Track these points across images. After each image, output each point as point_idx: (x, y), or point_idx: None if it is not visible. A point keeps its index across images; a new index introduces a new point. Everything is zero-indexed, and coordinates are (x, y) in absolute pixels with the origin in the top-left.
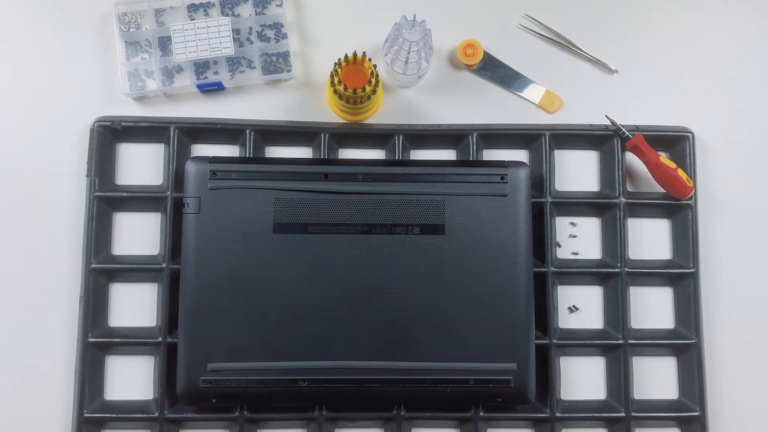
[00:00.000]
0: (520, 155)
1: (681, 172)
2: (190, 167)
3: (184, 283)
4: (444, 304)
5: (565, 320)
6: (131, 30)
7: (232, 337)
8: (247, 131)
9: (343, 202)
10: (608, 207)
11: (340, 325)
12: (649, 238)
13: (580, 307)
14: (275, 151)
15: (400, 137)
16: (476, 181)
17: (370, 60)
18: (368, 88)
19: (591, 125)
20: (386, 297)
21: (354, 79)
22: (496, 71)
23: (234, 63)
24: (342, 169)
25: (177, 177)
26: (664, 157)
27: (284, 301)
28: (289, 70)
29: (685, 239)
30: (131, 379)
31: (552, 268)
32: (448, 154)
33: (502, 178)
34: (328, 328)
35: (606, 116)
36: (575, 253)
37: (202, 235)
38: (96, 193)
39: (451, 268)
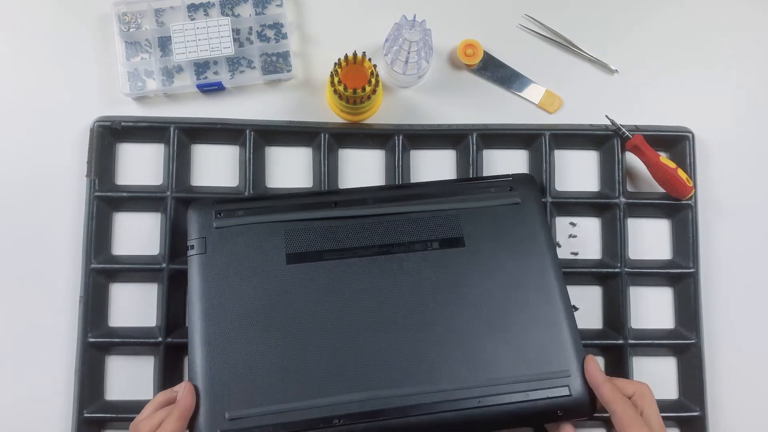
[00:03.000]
0: (520, 155)
1: (681, 172)
2: (193, 212)
3: (192, 328)
4: (477, 315)
5: None
6: (131, 30)
7: (251, 380)
8: (247, 131)
9: (357, 226)
10: (608, 207)
11: (369, 353)
12: (649, 238)
13: (580, 307)
14: (275, 152)
15: (400, 137)
16: (486, 193)
17: (370, 60)
18: (368, 88)
19: (591, 125)
20: (414, 316)
21: (354, 79)
22: (496, 71)
23: (234, 63)
24: (350, 196)
25: (177, 177)
26: (664, 157)
27: (305, 335)
28: (289, 70)
29: (685, 239)
30: (131, 379)
31: None
32: (448, 154)
33: (511, 189)
34: (357, 358)
35: (606, 116)
36: (575, 253)
37: (210, 274)
38: (96, 193)
39: (478, 278)
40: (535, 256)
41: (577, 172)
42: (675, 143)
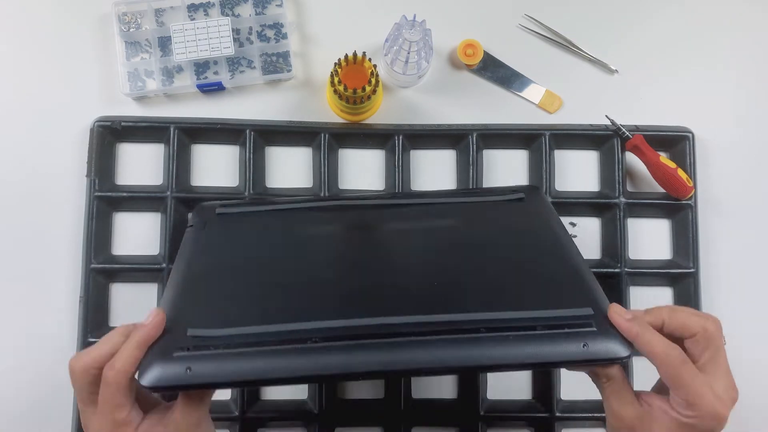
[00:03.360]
0: (520, 155)
1: (681, 172)
2: (198, 207)
3: (172, 273)
4: (481, 262)
5: None
6: (131, 30)
7: (223, 306)
8: (247, 131)
9: (359, 212)
10: (608, 207)
11: (356, 285)
12: (649, 238)
13: None
14: (275, 152)
15: (400, 137)
16: (491, 194)
17: (370, 60)
18: (368, 88)
19: (591, 125)
20: (411, 258)
21: (354, 79)
22: (496, 71)
23: (234, 63)
24: (354, 203)
25: (177, 177)
26: (664, 157)
27: (289, 272)
28: (289, 70)
29: (685, 239)
30: None
31: None
32: (448, 154)
33: (515, 192)
34: (342, 288)
35: (606, 116)
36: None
37: (203, 238)
38: (96, 193)
39: (484, 234)
40: (545, 229)
41: (577, 172)
42: (675, 143)
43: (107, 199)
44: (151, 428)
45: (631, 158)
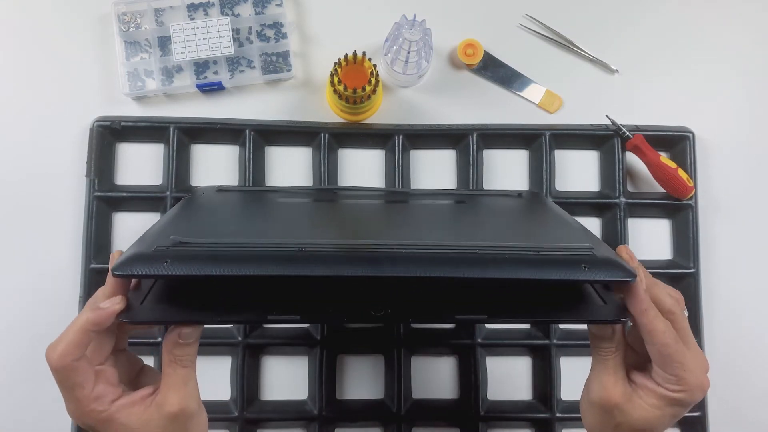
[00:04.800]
0: (520, 155)
1: (681, 172)
2: (196, 190)
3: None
4: (479, 220)
5: None
6: (131, 30)
7: (211, 225)
8: (247, 131)
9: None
10: (608, 207)
11: (358, 227)
12: (650, 238)
13: None
14: (275, 151)
15: (400, 137)
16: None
17: (370, 60)
18: (368, 88)
19: (591, 125)
20: (409, 215)
21: (354, 79)
22: (496, 71)
23: (234, 63)
24: (356, 193)
25: (177, 177)
26: (664, 157)
27: (284, 216)
28: (289, 70)
29: (686, 239)
30: None
31: None
32: (448, 154)
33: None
34: (335, 223)
35: (606, 116)
36: None
37: (203, 199)
38: (95, 193)
39: (483, 207)
40: (547, 210)
41: (578, 172)
42: (675, 143)
43: (107, 199)
44: (129, 406)
45: (632, 158)
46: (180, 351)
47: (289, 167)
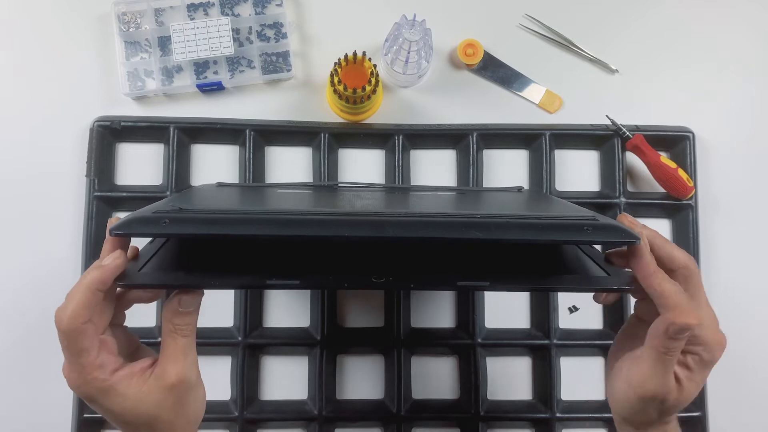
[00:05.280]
0: (520, 155)
1: (681, 172)
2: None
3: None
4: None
5: (565, 320)
6: (131, 30)
7: (210, 202)
8: (247, 131)
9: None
10: (608, 207)
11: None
12: None
13: (580, 307)
14: (275, 151)
15: (400, 137)
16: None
17: (370, 60)
18: (368, 88)
19: (591, 125)
20: (416, 202)
21: (354, 78)
22: (496, 71)
23: (234, 63)
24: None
25: (177, 177)
26: (664, 157)
27: (290, 201)
28: (288, 70)
29: (686, 239)
30: None
31: None
32: (448, 154)
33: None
34: (339, 203)
35: (606, 116)
36: None
37: (201, 189)
38: (95, 193)
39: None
40: (548, 198)
41: (578, 172)
42: (675, 143)
43: (107, 199)
44: (129, 377)
45: (632, 158)
46: (180, 320)
47: (289, 167)
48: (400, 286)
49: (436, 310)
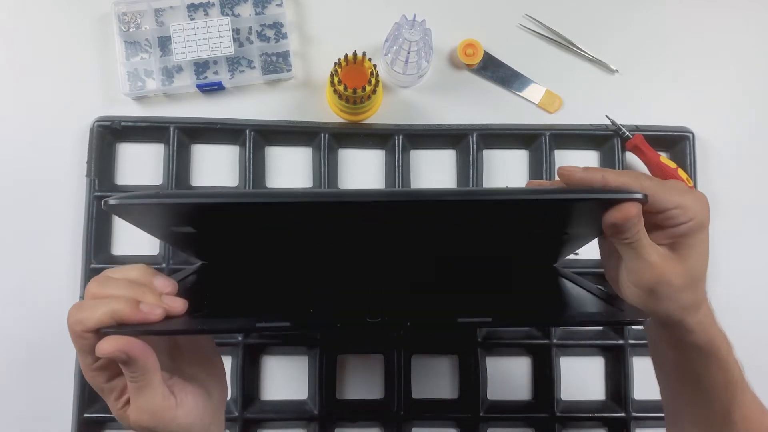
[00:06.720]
0: (520, 155)
1: (681, 172)
2: None
3: None
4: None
5: None
6: (131, 30)
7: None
8: (247, 131)
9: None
10: None
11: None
12: None
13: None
14: (275, 151)
15: (400, 137)
16: None
17: (370, 60)
18: (368, 88)
19: (591, 125)
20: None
21: (354, 79)
22: (496, 71)
23: (234, 63)
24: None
25: (177, 177)
26: (664, 157)
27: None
28: (288, 70)
29: None
30: None
31: None
32: (448, 154)
33: None
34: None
35: (606, 116)
36: (576, 254)
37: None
38: (96, 193)
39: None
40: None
41: None
42: (675, 143)
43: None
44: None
45: (632, 158)
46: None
47: (289, 167)
48: (395, 326)
49: None
